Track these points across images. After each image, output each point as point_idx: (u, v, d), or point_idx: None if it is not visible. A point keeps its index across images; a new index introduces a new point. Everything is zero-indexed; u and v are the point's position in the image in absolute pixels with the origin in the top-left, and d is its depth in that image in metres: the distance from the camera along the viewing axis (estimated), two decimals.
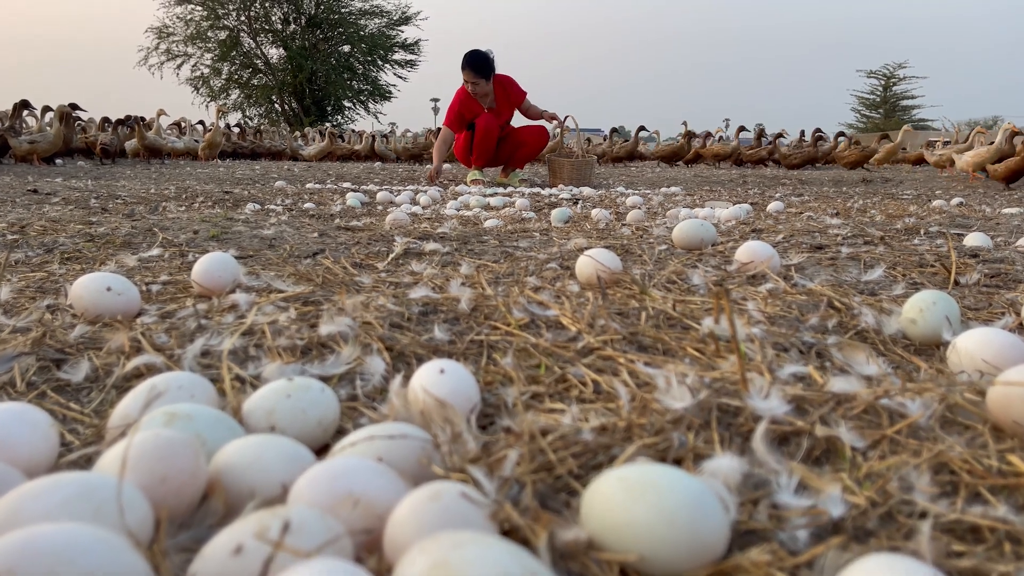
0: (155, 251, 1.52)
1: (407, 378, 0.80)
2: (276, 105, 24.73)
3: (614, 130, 12.46)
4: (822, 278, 1.31)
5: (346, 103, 25.23)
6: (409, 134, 14.12)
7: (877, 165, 10.55)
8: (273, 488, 0.54)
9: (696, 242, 1.62)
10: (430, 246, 1.60)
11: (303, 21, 24.41)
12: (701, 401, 0.64)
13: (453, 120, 6.14)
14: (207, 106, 24.40)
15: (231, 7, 23.94)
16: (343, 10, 24.70)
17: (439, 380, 0.70)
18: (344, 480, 0.50)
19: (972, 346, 0.85)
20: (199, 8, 23.56)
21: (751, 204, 4.20)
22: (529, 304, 1.01)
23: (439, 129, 14.00)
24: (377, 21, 24.81)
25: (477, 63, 5.77)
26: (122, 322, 0.93)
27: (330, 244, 1.65)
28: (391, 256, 1.52)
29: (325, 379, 0.79)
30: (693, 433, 0.61)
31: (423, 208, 3.84)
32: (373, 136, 12.53)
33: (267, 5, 24.20)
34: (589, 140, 13.54)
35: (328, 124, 23.92)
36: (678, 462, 0.58)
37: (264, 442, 0.56)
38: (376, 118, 25.94)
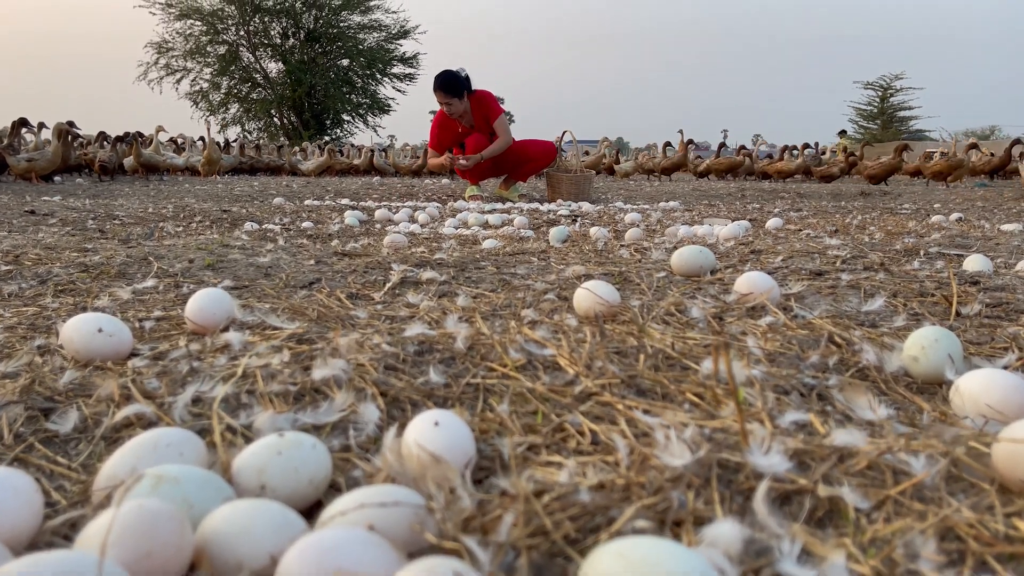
0: (150, 282, 1.51)
1: (402, 426, 0.78)
2: (275, 119, 24.79)
3: (668, 144, 12.43)
4: (822, 308, 1.30)
5: (345, 117, 25.30)
6: (408, 147, 14.14)
7: (959, 180, 10.32)
8: (261, 558, 0.52)
9: (695, 269, 1.61)
10: (427, 275, 1.59)
11: (302, 36, 24.51)
12: (701, 458, 0.62)
13: (435, 145, 6.21)
14: (206, 120, 24.48)
15: (230, 22, 24.04)
16: (342, 24, 24.80)
17: (433, 434, 0.68)
18: (334, 554, 0.49)
19: (975, 389, 0.84)
20: (198, 23, 23.66)
21: (749, 220, 4.20)
22: (526, 343, 1.00)
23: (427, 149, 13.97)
24: (376, 35, 24.92)
25: (447, 83, 5.76)
26: (112, 369, 0.91)
27: (326, 272, 1.64)
28: (387, 286, 1.51)
29: (318, 427, 0.78)
30: (693, 493, 0.60)
31: (421, 227, 3.84)
32: (372, 151, 12.56)
33: (266, 20, 24.30)
34: (610, 151, 13.44)
35: (327, 137, 24.00)
36: (678, 524, 0.57)
37: (252, 509, 0.55)
38: (375, 131, 25.99)
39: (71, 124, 7.25)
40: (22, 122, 7.22)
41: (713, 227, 3.61)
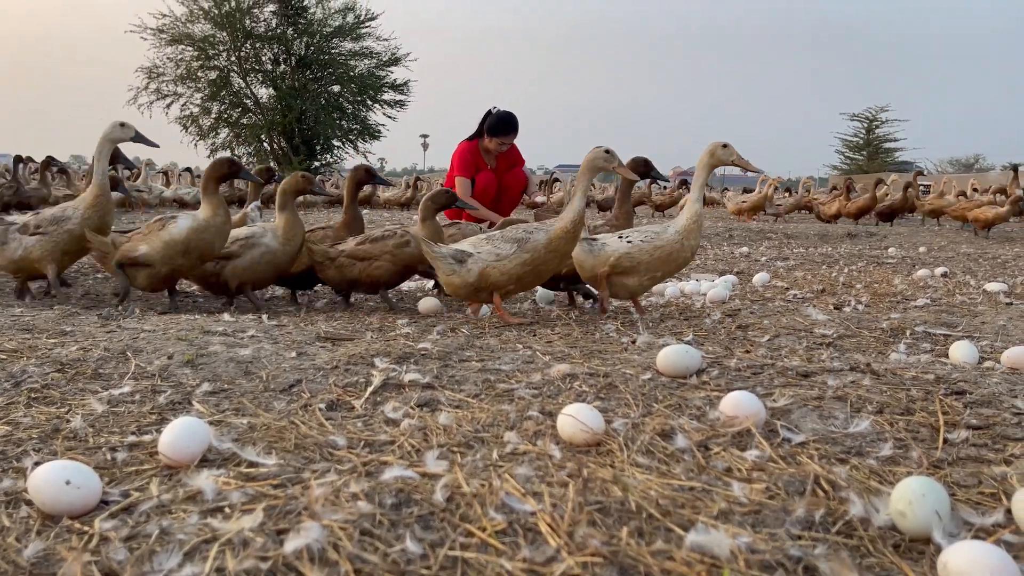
0: (126, 387, 1.48)
1: None
2: (265, 144, 24.79)
3: (920, 172, 10.74)
4: (809, 429, 1.29)
5: (335, 142, 25.33)
6: (395, 168, 14.24)
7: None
8: None
9: (681, 370, 1.59)
10: (409, 376, 1.56)
11: (293, 62, 24.59)
12: None
13: (466, 168, 6.20)
14: (195, 145, 24.48)
15: (221, 48, 24.10)
16: (333, 51, 24.90)
17: None
18: None
19: (962, 567, 0.82)
20: (190, 49, 23.70)
21: (736, 274, 4.20)
22: (507, 497, 0.97)
23: (418, 179, 13.95)
24: (367, 62, 25.03)
25: (518, 125, 6.13)
26: (76, 544, 0.88)
27: (307, 370, 1.61)
28: (368, 391, 1.49)
29: None
30: None
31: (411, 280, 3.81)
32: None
33: (257, 46, 24.38)
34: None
35: (317, 163, 24.02)
36: None
37: None
38: (365, 157, 26.04)
39: (50, 159, 7.18)
40: (17, 159, 7.21)
41: (700, 284, 3.61)
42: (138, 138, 2.92)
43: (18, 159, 7.80)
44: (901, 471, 1.13)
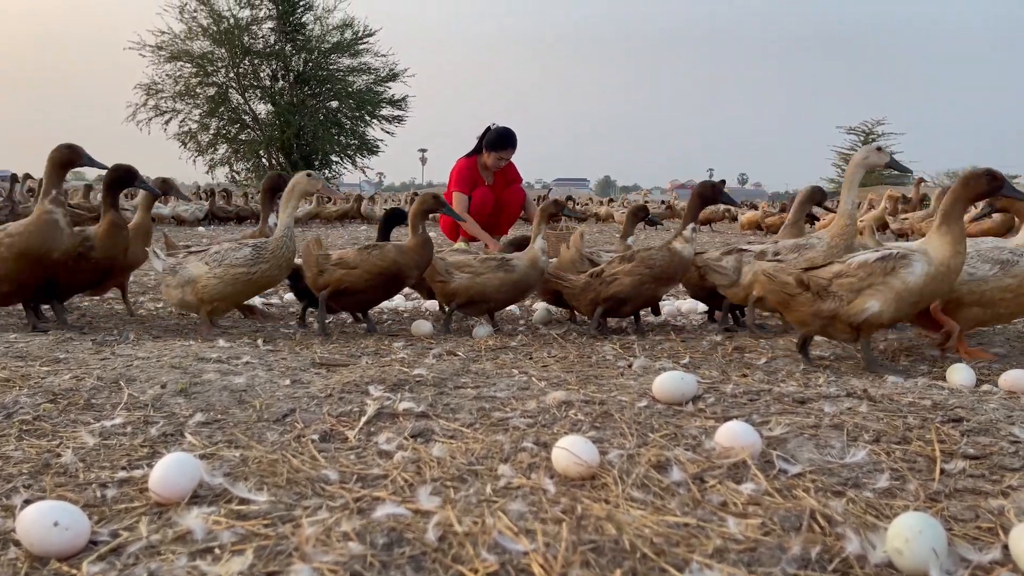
0: (118, 418, 1.47)
1: None
2: (263, 160, 24.86)
3: (921, 179, 10.21)
4: (805, 460, 1.28)
5: (334, 158, 25.41)
6: (393, 183, 14.27)
7: None
8: None
9: (677, 397, 1.59)
10: (403, 404, 1.56)
11: (291, 78, 24.72)
12: None
13: (464, 184, 6.11)
14: (194, 161, 24.54)
15: (220, 64, 24.23)
16: (331, 67, 25.05)
17: None
18: None
19: None
20: (188, 65, 23.82)
21: None
22: (499, 536, 0.96)
23: (415, 195, 13.99)
24: (365, 78, 25.17)
25: (516, 140, 6.09)
26: None
27: (301, 399, 1.60)
28: (363, 420, 1.48)
29: None
30: None
31: (405, 299, 3.82)
32: (360, 198, 12.61)
33: (256, 62, 24.51)
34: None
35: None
36: None
37: None
38: (363, 172, 26.14)
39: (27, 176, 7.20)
40: (13, 177, 7.22)
41: (698, 304, 3.61)
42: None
43: (14, 177, 7.81)
44: (898, 504, 1.12)
